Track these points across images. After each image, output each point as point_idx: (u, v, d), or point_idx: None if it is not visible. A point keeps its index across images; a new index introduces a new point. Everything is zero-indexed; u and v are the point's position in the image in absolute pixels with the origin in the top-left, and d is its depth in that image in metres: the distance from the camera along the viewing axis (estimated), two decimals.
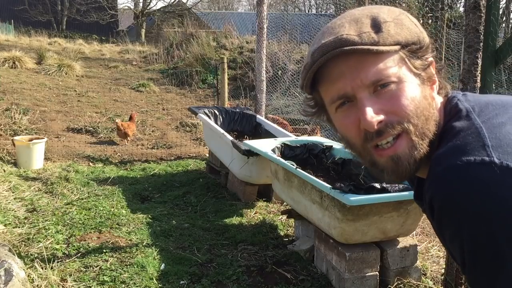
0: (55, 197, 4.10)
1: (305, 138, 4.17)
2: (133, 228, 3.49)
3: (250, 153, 3.81)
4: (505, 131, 0.74)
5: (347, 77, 0.80)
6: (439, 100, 0.88)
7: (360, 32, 0.78)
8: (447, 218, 0.74)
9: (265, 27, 5.70)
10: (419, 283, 2.74)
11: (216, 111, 5.16)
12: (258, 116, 5.33)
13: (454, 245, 0.75)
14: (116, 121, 6.45)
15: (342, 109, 0.83)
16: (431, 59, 0.85)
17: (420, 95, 0.81)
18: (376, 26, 0.79)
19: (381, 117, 0.79)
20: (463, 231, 0.71)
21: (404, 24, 0.81)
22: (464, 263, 0.74)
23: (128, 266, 2.86)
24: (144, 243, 3.20)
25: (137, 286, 2.66)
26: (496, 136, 0.74)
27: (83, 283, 2.66)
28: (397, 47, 0.79)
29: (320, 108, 0.89)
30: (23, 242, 3.12)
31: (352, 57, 0.78)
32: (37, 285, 2.56)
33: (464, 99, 0.85)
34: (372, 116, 0.78)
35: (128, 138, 6.39)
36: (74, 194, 4.21)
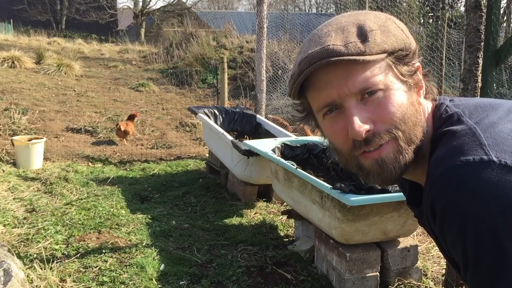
0: (54, 197, 4.09)
1: (305, 138, 4.16)
2: (133, 228, 3.48)
3: (250, 153, 3.80)
4: (498, 130, 0.75)
5: (334, 86, 0.80)
6: (426, 105, 0.88)
7: (347, 42, 0.79)
8: (449, 219, 0.73)
9: (265, 26, 5.68)
10: (419, 283, 2.73)
11: (216, 111, 5.15)
12: (258, 116, 5.32)
13: (456, 246, 0.74)
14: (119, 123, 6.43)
15: (329, 116, 0.84)
16: (418, 64, 0.86)
17: (407, 101, 0.82)
18: (362, 35, 0.79)
19: (369, 126, 0.80)
20: (466, 231, 0.71)
21: (390, 31, 0.82)
22: (466, 265, 0.73)
23: (127, 267, 2.85)
24: (144, 244, 3.19)
25: (136, 287, 2.65)
26: (491, 135, 0.75)
27: (83, 284, 2.65)
28: (383, 55, 0.80)
29: (308, 113, 0.90)
30: (22, 243, 3.11)
31: (339, 67, 0.79)
32: (36, 286, 2.55)
33: (452, 105, 0.86)
34: (360, 125, 0.79)
35: (127, 137, 6.36)
36: (74, 194, 4.20)
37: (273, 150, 3.47)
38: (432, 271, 2.95)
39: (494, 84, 2.53)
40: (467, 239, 0.71)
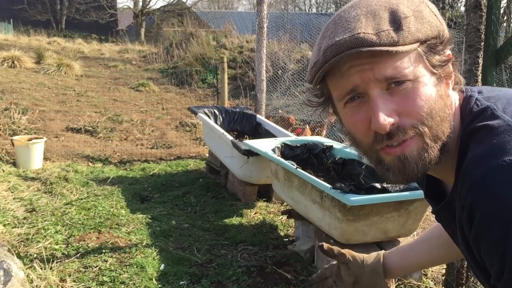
0: (54, 197, 4.09)
1: (306, 137, 4.17)
2: (133, 228, 3.47)
3: (250, 153, 3.80)
4: None
5: (358, 71, 0.74)
6: (454, 97, 0.83)
7: (379, 30, 0.72)
8: (490, 224, 0.69)
9: (265, 26, 5.68)
10: (420, 283, 2.73)
11: (216, 111, 5.15)
12: (258, 116, 5.32)
13: (493, 252, 0.70)
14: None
15: (351, 105, 0.78)
16: (449, 52, 0.80)
17: (436, 94, 0.76)
18: (396, 22, 0.73)
19: (394, 118, 0.74)
20: (509, 237, 0.66)
21: (425, 18, 0.75)
22: (501, 272, 0.69)
23: (127, 267, 2.85)
24: (144, 244, 3.19)
25: (136, 287, 2.65)
26: None
27: (83, 284, 2.65)
28: (416, 45, 0.74)
29: (327, 99, 0.84)
30: (22, 242, 3.11)
31: (366, 54, 0.73)
32: (36, 286, 2.55)
33: (482, 97, 0.81)
34: (385, 118, 0.73)
35: None
36: (74, 194, 4.20)
37: (273, 150, 3.47)
38: (432, 271, 2.95)
39: (494, 84, 2.52)
40: (507, 245, 0.67)
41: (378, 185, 2.53)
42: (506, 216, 0.66)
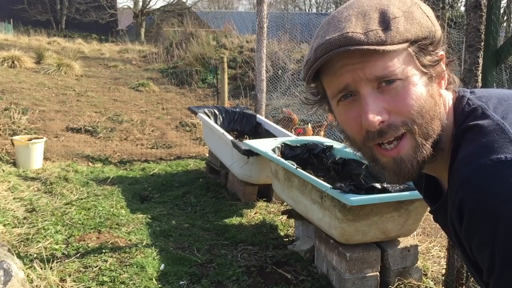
0: (54, 197, 4.09)
1: (306, 137, 4.17)
2: (133, 228, 3.48)
3: (250, 153, 3.80)
4: None
5: (349, 70, 0.76)
6: (448, 96, 0.84)
7: (367, 30, 0.74)
8: (479, 221, 0.70)
9: (265, 26, 5.68)
10: (420, 283, 2.73)
11: (216, 111, 5.15)
12: (258, 115, 5.32)
13: (483, 249, 0.71)
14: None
15: (344, 103, 0.80)
16: (441, 53, 0.81)
17: (426, 93, 0.78)
18: (385, 22, 0.75)
19: (384, 116, 0.76)
20: (497, 234, 0.67)
21: (415, 18, 0.77)
22: (492, 268, 0.70)
23: (127, 267, 2.85)
24: (144, 243, 3.19)
25: (136, 287, 2.65)
26: None
27: (83, 284, 2.65)
28: (405, 45, 0.75)
29: (323, 97, 0.86)
30: (22, 242, 3.11)
31: (357, 53, 0.75)
32: (36, 286, 2.55)
33: (474, 97, 0.82)
34: (374, 116, 0.75)
35: None
36: (74, 194, 4.20)
37: (273, 150, 3.47)
38: (432, 271, 2.95)
39: (494, 84, 2.52)
40: (496, 242, 0.67)
41: (378, 185, 2.53)
42: (494, 214, 0.67)
